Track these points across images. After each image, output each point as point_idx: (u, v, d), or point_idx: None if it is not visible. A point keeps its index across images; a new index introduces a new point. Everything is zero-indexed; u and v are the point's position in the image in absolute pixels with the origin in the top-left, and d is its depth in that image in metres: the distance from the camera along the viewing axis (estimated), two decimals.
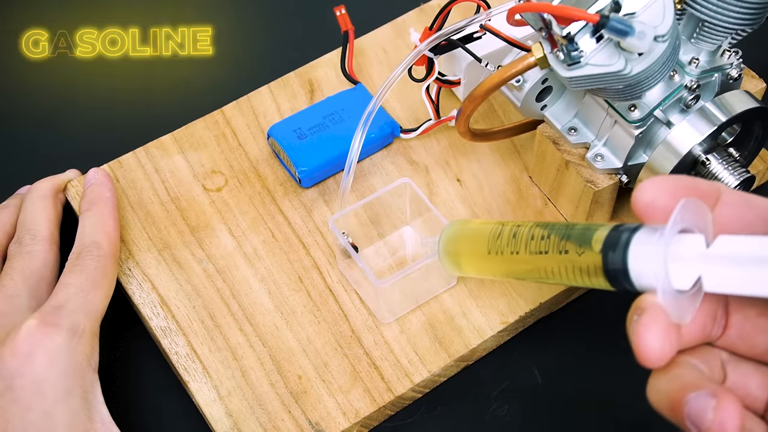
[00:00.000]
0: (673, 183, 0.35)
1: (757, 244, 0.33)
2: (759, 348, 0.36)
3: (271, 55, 0.71)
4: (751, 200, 0.35)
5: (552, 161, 0.56)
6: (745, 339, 0.36)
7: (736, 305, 0.37)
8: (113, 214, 0.56)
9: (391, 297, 0.54)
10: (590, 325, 0.57)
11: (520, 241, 0.44)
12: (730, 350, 0.37)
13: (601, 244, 0.38)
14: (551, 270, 0.42)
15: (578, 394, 0.55)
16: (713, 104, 0.51)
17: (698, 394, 0.33)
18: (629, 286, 0.37)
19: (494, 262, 0.46)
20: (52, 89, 0.70)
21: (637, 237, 0.36)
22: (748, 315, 0.36)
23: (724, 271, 0.34)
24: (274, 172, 0.61)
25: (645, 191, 0.35)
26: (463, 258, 0.49)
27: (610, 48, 0.46)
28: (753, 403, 0.36)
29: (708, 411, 0.32)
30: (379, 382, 0.53)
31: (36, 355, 0.46)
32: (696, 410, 0.32)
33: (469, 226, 0.49)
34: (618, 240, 0.37)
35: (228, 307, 0.55)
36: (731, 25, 0.50)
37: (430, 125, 0.60)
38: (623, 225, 0.37)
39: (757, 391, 0.36)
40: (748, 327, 0.36)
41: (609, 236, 0.37)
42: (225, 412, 0.52)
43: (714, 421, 0.32)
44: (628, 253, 0.36)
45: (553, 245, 0.41)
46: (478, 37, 0.57)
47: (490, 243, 0.46)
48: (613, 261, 0.37)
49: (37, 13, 0.73)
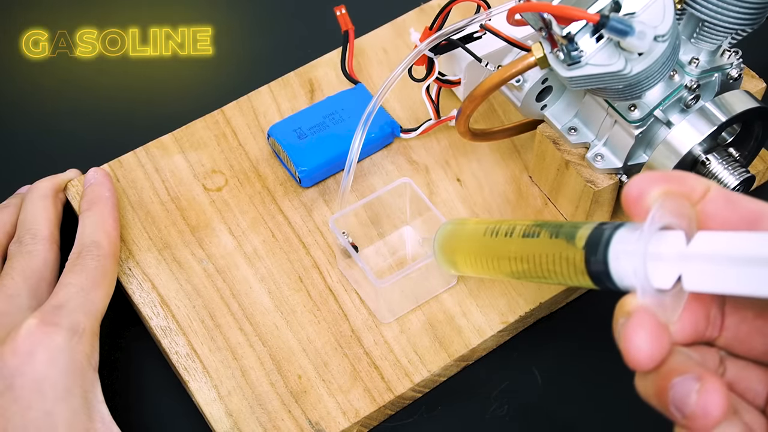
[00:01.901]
0: (661, 178, 0.34)
1: (736, 241, 0.32)
2: (757, 350, 0.36)
3: (271, 55, 0.71)
4: (735, 200, 0.34)
5: (552, 161, 0.56)
6: (743, 341, 0.36)
7: (732, 306, 0.36)
8: (113, 213, 0.56)
9: (391, 297, 0.54)
10: (590, 325, 0.57)
11: (513, 239, 0.44)
12: (727, 350, 0.36)
13: (584, 242, 0.37)
14: (540, 268, 0.41)
15: (578, 394, 0.55)
16: (713, 104, 0.51)
17: (683, 378, 0.32)
18: (612, 286, 0.36)
19: (488, 260, 0.46)
20: (52, 89, 0.70)
21: (618, 236, 0.35)
22: (744, 317, 0.36)
23: (702, 270, 0.33)
24: (274, 172, 0.61)
25: (632, 187, 0.34)
26: (458, 256, 0.49)
27: (610, 48, 0.46)
28: (754, 398, 0.35)
29: (692, 394, 0.31)
30: (379, 382, 0.53)
31: (36, 354, 0.46)
32: (680, 394, 0.31)
33: (464, 224, 0.49)
34: (599, 239, 0.36)
35: (228, 306, 0.55)
36: (731, 25, 0.50)
37: (430, 125, 0.60)
38: (606, 223, 0.37)
39: (757, 385, 0.35)
40: (745, 329, 0.36)
41: (591, 235, 0.37)
42: (225, 412, 0.52)
43: (697, 404, 0.31)
44: (609, 252, 0.35)
45: (543, 243, 0.41)
46: (478, 37, 0.57)
47: (483, 241, 0.46)
48: (595, 261, 0.36)
49: (37, 13, 0.73)
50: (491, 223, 0.46)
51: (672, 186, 0.34)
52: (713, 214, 0.34)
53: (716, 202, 0.34)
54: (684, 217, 0.34)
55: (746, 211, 0.34)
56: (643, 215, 0.33)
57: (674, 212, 0.33)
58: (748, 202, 0.34)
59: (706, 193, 0.34)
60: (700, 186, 0.34)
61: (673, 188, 0.34)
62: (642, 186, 0.34)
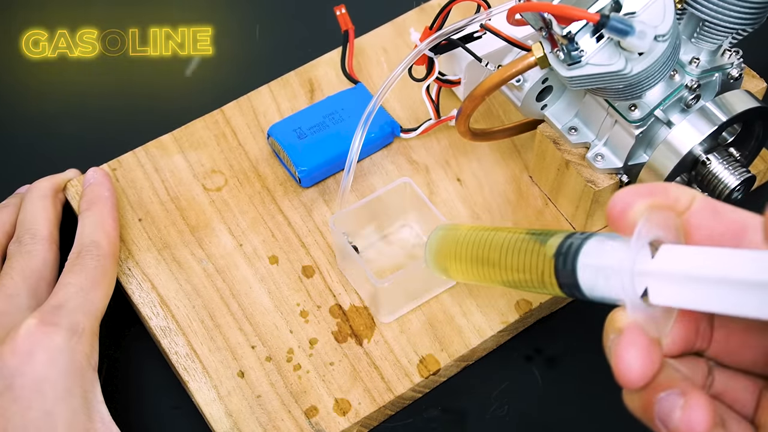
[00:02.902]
0: (645, 191, 0.34)
1: (697, 258, 0.32)
2: (746, 362, 0.35)
3: (271, 55, 0.71)
4: (720, 210, 0.34)
5: (552, 161, 0.56)
6: (731, 353, 0.36)
7: (721, 320, 0.35)
8: (112, 213, 0.56)
9: (391, 297, 0.54)
10: (590, 325, 0.57)
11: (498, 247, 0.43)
12: (716, 361, 0.36)
13: (553, 250, 0.37)
14: (521, 277, 0.41)
15: (578, 394, 0.55)
16: (714, 104, 0.51)
17: (668, 393, 0.32)
18: (580, 295, 0.36)
19: (477, 267, 0.45)
20: (52, 89, 0.70)
21: (585, 249, 0.35)
22: (733, 330, 0.35)
23: (664, 286, 0.32)
24: (274, 172, 0.61)
25: (617, 202, 0.34)
26: (449, 262, 0.48)
27: (610, 48, 0.46)
28: (742, 408, 0.35)
29: (676, 410, 0.31)
30: (379, 382, 0.53)
31: (36, 354, 0.46)
32: (665, 409, 0.31)
33: (455, 230, 0.48)
34: (569, 249, 0.36)
35: (228, 306, 0.55)
36: (732, 24, 0.50)
37: (430, 125, 0.60)
38: (574, 234, 0.37)
39: (746, 395, 0.35)
40: (734, 341, 0.35)
41: (560, 245, 0.37)
42: (225, 412, 0.52)
43: (681, 420, 0.31)
44: (577, 264, 0.35)
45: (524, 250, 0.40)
46: (479, 36, 0.57)
47: (472, 248, 0.45)
48: (564, 272, 0.36)
49: (37, 13, 0.73)
50: (482, 230, 0.45)
51: (656, 198, 0.34)
52: (698, 224, 0.34)
53: (701, 213, 0.34)
54: (671, 229, 0.34)
55: (730, 221, 0.33)
56: (629, 230, 0.33)
57: (660, 225, 0.33)
58: (732, 212, 0.33)
59: (692, 203, 0.34)
60: (685, 197, 0.34)
61: (658, 201, 0.34)
62: (626, 200, 0.34)
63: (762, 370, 0.35)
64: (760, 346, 0.35)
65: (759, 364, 0.35)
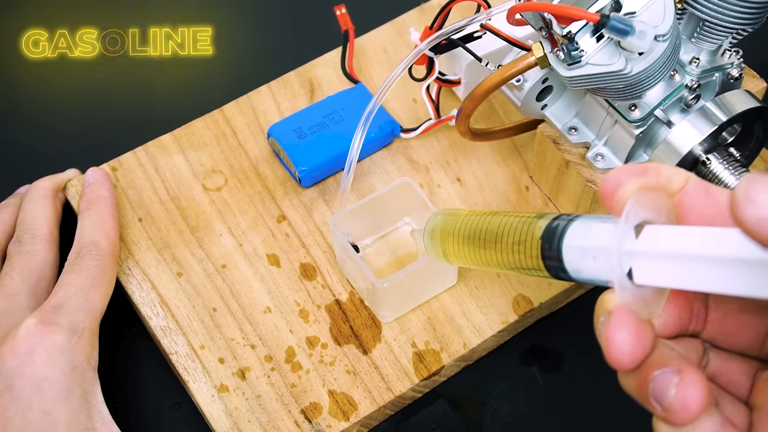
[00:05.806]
0: (637, 171, 0.33)
1: (679, 236, 0.31)
2: (741, 343, 0.35)
3: (271, 55, 0.71)
4: (713, 192, 0.33)
5: (552, 161, 0.56)
6: (727, 334, 0.35)
7: (716, 301, 0.35)
8: (112, 213, 0.56)
9: (391, 297, 0.54)
10: (590, 324, 0.57)
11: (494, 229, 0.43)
12: (712, 342, 0.36)
13: (541, 232, 0.37)
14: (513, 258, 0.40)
15: (578, 394, 0.55)
16: (714, 104, 0.51)
17: (663, 371, 0.31)
18: (567, 277, 0.36)
19: (473, 250, 0.45)
20: (52, 89, 0.70)
21: (570, 231, 0.35)
22: (729, 311, 0.35)
23: (648, 264, 0.32)
24: (274, 172, 0.61)
25: (608, 181, 0.33)
26: (447, 245, 0.48)
27: (610, 47, 0.46)
28: (737, 390, 0.35)
29: (671, 387, 0.31)
30: (379, 382, 0.53)
31: (36, 354, 0.46)
32: (659, 387, 0.31)
33: (455, 215, 0.48)
34: (555, 231, 0.36)
35: (228, 306, 0.55)
36: (732, 24, 0.50)
37: (431, 125, 0.60)
38: (561, 216, 0.36)
39: (741, 377, 0.35)
40: (729, 323, 0.35)
41: (547, 226, 0.37)
42: (225, 412, 0.52)
43: (676, 397, 0.31)
44: (562, 246, 0.35)
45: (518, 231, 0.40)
46: (479, 36, 0.57)
47: (468, 230, 0.45)
48: (550, 255, 0.36)
49: (37, 13, 0.73)
50: (480, 214, 0.45)
51: (648, 179, 0.33)
52: (690, 206, 0.33)
53: (694, 194, 0.33)
54: (661, 209, 0.33)
55: (723, 203, 0.33)
56: (619, 210, 0.33)
57: (650, 206, 0.33)
58: (725, 194, 0.33)
59: (686, 184, 0.33)
60: (679, 177, 0.34)
61: (649, 181, 0.33)
62: (618, 180, 0.33)
63: (757, 353, 0.35)
64: (756, 328, 0.35)
65: (754, 346, 0.35)
